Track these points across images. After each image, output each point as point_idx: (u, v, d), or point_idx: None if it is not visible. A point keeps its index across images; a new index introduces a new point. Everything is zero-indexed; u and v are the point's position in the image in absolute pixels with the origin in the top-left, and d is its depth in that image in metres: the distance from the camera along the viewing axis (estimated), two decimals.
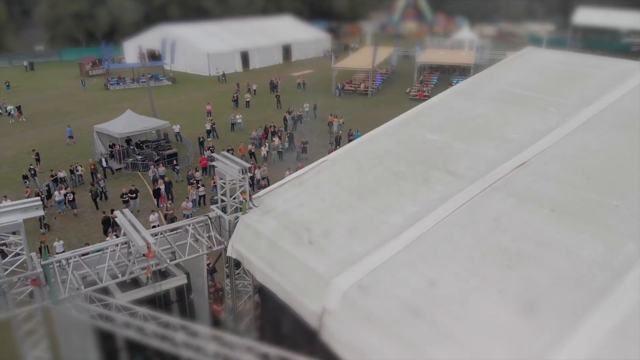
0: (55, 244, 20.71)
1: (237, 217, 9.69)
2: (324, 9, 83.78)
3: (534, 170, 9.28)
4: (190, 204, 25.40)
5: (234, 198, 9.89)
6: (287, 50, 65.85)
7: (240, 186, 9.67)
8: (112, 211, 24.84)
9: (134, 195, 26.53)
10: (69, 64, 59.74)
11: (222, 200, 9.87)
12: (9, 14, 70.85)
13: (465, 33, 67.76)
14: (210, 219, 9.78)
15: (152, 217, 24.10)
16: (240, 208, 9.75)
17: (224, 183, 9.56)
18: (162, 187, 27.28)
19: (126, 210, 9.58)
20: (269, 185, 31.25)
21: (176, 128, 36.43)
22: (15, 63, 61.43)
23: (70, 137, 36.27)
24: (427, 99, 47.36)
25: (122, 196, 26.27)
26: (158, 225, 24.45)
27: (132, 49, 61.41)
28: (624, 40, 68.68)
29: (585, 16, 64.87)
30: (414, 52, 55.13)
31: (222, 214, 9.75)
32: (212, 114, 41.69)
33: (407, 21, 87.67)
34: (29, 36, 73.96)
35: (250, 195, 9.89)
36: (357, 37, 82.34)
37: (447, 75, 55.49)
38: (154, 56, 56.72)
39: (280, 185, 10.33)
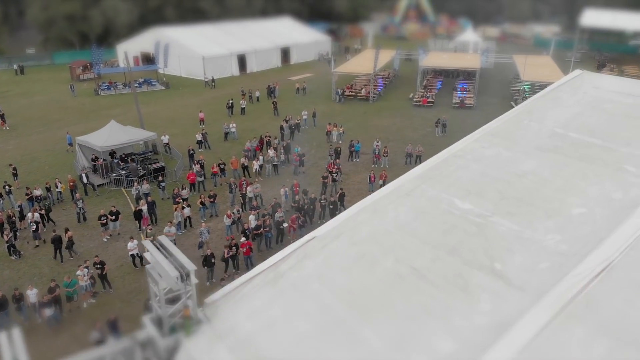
0: (29, 292, 17.50)
1: (177, 342, 6.23)
2: (324, 10, 79.62)
3: (625, 279, 5.83)
4: (173, 229, 21.96)
5: (181, 302, 6.48)
6: (285, 53, 61.72)
7: (187, 291, 6.23)
8: (66, 231, 21.52)
9: (114, 217, 23.19)
10: (60, 67, 56.10)
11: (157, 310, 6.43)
12: (4, 15, 67.18)
13: (470, 35, 63.90)
14: (138, 342, 6.30)
15: (130, 244, 20.74)
16: (183, 325, 6.32)
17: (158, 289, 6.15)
18: (145, 207, 23.92)
19: (15, 333, 6.13)
20: (262, 204, 27.93)
21: (165, 139, 32.98)
22: (13, 65, 57.69)
23: (70, 144, 32.80)
24: (431, 106, 44.06)
25: (100, 218, 22.94)
26: (138, 254, 21.14)
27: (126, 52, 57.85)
28: (632, 43, 64.90)
29: (592, 18, 60.96)
30: (417, 55, 51.45)
31: (155, 334, 6.27)
32: (205, 122, 38.28)
33: (409, 22, 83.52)
34: (26, 37, 70.38)
35: (236, 214, 6.52)
36: (358, 39, 78.50)
37: (451, 79, 51.82)
38: (149, 59, 53.19)
39: (247, 281, 6.92)
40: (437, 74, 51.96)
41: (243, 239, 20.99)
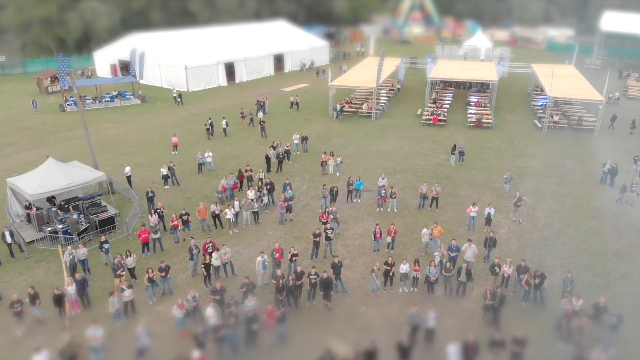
0: None
1: None
2: (322, 12, 70.42)
3: None
4: (99, 332, 13.84)
5: None
6: (279, 60, 52.60)
7: None
8: None
9: (34, 301, 15.48)
10: (31, 77, 47.66)
11: None
12: None
13: (479, 39, 54.97)
14: None
15: (37, 358, 12.86)
16: None
17: None
18: (72, 287, 16.09)
19: None
20: (233, 272, 19.57)
21: (127, 170, 25.08)
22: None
23: None
24: (443, 125, 35.64)
25: (12, 306, 15.16)
26: None
27: (103, 60, 49.41)
28: None
29: (612, 21, 52.27)
30: (424, 63, 43.08)
31: None
32: (179, 147, 30.25)
33: (412, 25, 74.12)
34: (7, 42, 62.08)
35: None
36: (358, 42, 69.68)
37: (462, 90, 43.47)
38: (127, 68, 44.94)
39: None
40: (447, 85, 43.54)
41: (196, 353, 13.16)
